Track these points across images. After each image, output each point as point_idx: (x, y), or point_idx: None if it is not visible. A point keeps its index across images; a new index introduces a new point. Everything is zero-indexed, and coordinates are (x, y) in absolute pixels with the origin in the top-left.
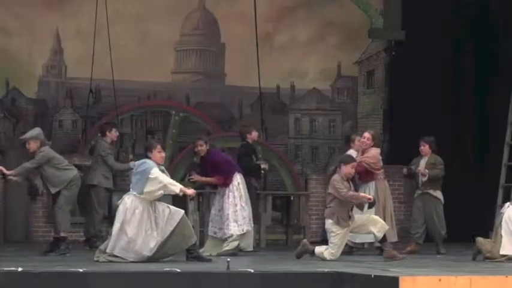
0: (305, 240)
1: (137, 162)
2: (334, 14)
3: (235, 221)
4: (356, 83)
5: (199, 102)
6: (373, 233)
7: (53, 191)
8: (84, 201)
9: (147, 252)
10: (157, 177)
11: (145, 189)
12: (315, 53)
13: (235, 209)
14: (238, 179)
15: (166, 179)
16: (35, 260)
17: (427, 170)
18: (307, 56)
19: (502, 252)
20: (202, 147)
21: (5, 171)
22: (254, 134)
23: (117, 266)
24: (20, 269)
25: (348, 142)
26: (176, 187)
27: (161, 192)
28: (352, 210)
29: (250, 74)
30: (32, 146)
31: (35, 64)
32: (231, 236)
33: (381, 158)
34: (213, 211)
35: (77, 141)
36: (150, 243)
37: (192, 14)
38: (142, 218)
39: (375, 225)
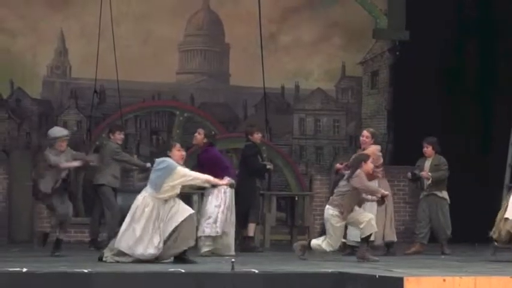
0: (295, 245)
1: (158, 160)
2: (338, 14)
3: (215, 222)
4: (360, 84)
5: (204, 103)
6: (359, 228)
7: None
8: (91, 201)
9: (152, 250)
10: (186, 173)
11: (169, 183)
12: (319, 53)
13: (218, 211)
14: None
15: (193, 172)
16: (39, 261)
17: (430, 174)
18: (311, 56)
19: (506, 215)
20: (200, 136)
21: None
22: (256, 136)
23: (121, 267)
24: (24, 270)
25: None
26: (201, 179)
27: (177, 191)
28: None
29: (255, 74)
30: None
31: (39, 64)
32: (206, 236)
33: (381, 154)
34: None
35: (81, 141)
36: (154, 239)
37: (196, 14)
38: (151, 216)
39: (363, 221)
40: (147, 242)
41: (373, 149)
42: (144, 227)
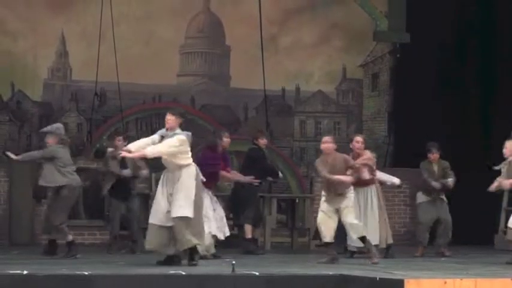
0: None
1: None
2: (339, 16)
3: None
4: (361, 86)
5: (205, 105)
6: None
7: (41, 182)
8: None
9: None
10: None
11: None
12: (320, 55)
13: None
14: None
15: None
16: (40, 263)
17: (451, 179)
18: (312, 58)
19: (509, 224)
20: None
21: (12, 156)
22: (261, 141)
23: (122, 269)
24: (25, 272)
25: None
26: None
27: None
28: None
29: (255, 76)
30: (51, 141)
31: (40, 67)
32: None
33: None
34: (212, 212)
35: (82, 144)
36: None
37: (197, 16)
38: (162, 186)
39: (346, 224)
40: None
41: (370, 155)
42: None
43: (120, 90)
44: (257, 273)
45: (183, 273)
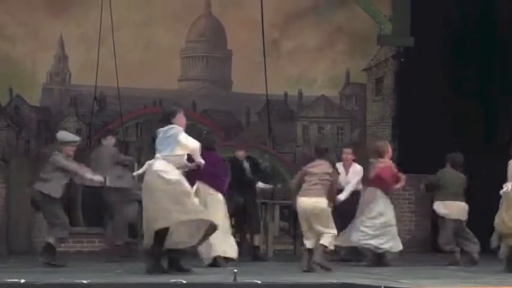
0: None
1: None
2: (342, 20)
3: None
4: (365, 90)
5: (206, 109)
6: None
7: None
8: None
9: None
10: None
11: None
12: (323, 59)
13: None
14: None
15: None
16: (37, 272)
17: None
18: (315, 62)
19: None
20: None
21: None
22: (238, 153)
23: (121, 278)
24: (22, 281)
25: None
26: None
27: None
28: None
29: (257, 81)
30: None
31: (38, 71)
32: None
33: None
34: None
35: (81, 149)
36: None
37: (198, 20)
38: None
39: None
40: None
41: None
42: None
43: (120, 95)
44: (259, 282)
45: (184, 281)
